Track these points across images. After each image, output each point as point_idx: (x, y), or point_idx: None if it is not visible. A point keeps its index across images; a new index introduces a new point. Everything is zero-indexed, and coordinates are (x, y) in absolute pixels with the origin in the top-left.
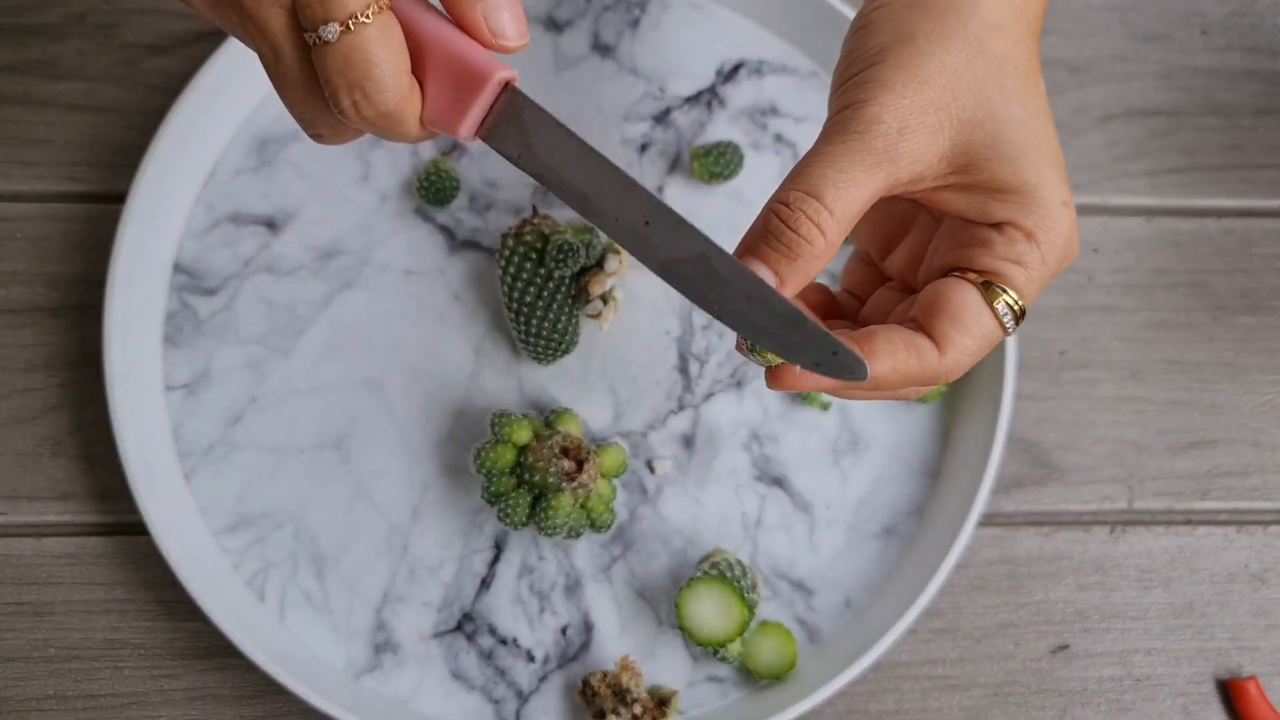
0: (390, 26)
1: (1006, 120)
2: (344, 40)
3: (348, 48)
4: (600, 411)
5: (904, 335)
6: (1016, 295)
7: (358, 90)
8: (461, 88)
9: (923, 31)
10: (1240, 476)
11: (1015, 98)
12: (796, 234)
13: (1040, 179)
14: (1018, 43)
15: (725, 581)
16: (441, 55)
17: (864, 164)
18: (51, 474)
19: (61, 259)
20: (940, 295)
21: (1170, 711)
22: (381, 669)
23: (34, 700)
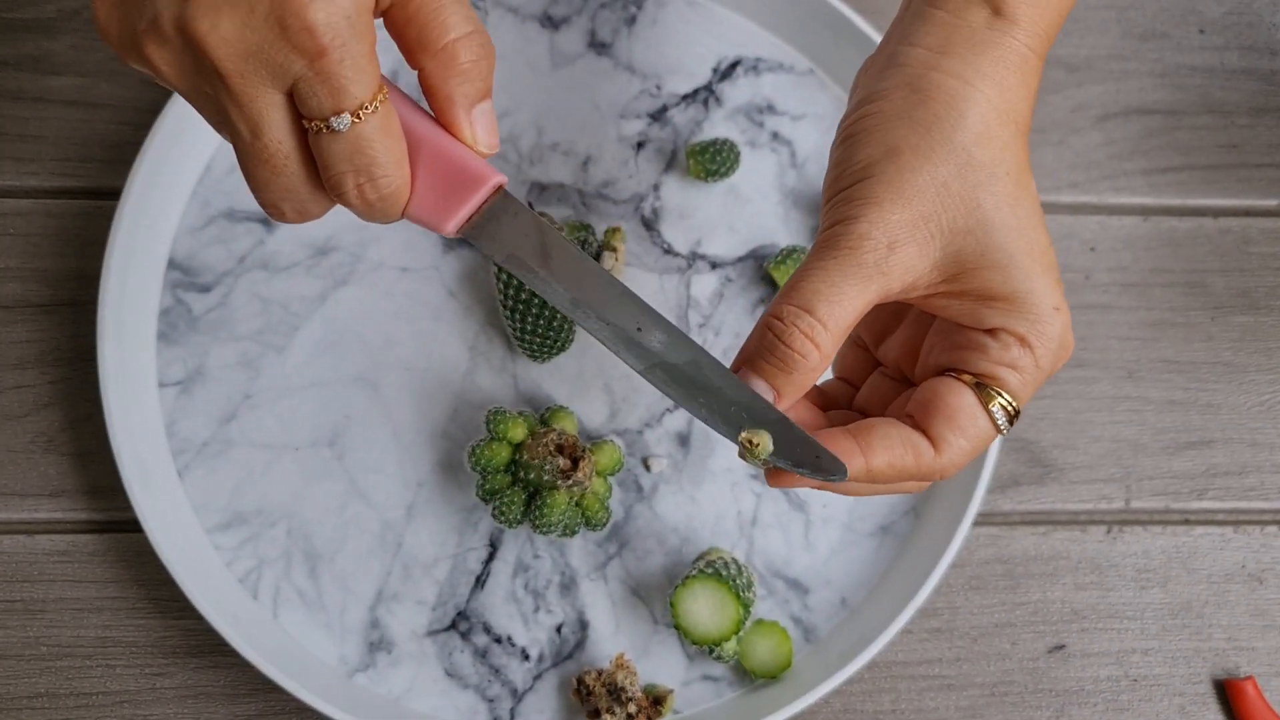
0: (392, 115)
1: (997, 227)
2: (354, 129)
3: (356, 136)
4: (596, 409)
5: (902, 432)
6: (1011, 398)
7: (364, 175)
8: (453, 187)
9: (909, 145)
10: (1238, 476)
11: (1006, 204)
12: (790, 349)
13: (1031, 285)
14: (1006, 147)
15: (720, 580)
16: (432, 153)
17: (855, 279)
18: (44, 471)
19: (55, 255)
20: (937, 396)
21: (1167, 712)
22: (375, 667)
23: (25, 698)
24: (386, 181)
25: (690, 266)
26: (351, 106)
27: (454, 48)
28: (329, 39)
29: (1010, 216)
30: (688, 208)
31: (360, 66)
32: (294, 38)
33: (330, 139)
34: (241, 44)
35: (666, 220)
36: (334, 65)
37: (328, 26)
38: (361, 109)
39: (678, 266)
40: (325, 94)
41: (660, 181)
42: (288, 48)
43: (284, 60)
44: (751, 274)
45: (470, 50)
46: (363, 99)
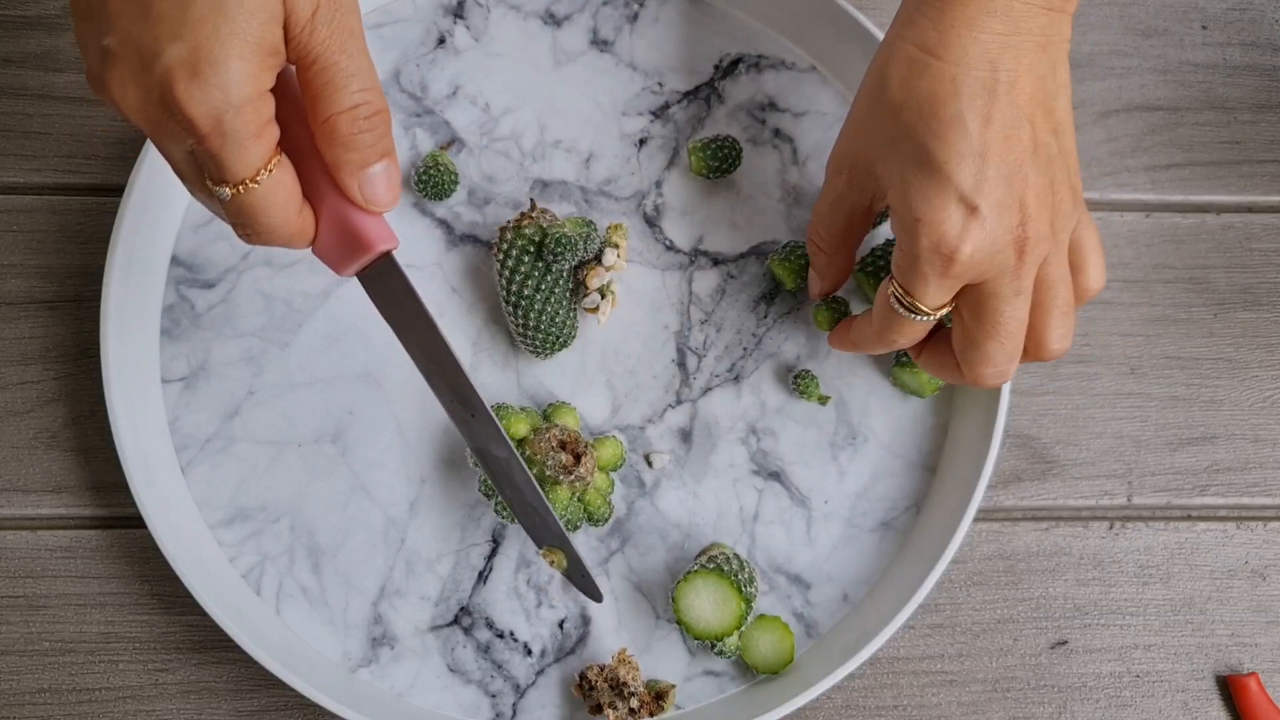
0: (279, 184)
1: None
2: (235, 199)
3: (237, 205)
4: (598, 405)
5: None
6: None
7: (248, 230)
8: (347, 245)
9: (864, 88)
10: (1240, 472)
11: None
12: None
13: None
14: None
15: (722, 575)
16: (334, 210)
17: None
18: (47, 467)
19: (58, 251)
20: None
21: (1170, 708)
22: (378, 662)
23: (28, 694)
24: (269, 237)
25: (692, 263)
26: (232, 181)
27: (334, 122)
28: (207, 128)
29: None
30: (690, 204)
31: (240, 148)
32: (180, 122)
33: (221, 197)
34: (145, 115)
35: (669, 217)
36: (214, 149)
37: (205, 118)
38: (241, 184)
39: (680, 263)
40: (211, 168)
41: (662, 178)
42: (176, 125)
43: (175, 134)
44: (753, 270)
45: (352, 124)
46: (243, 175)
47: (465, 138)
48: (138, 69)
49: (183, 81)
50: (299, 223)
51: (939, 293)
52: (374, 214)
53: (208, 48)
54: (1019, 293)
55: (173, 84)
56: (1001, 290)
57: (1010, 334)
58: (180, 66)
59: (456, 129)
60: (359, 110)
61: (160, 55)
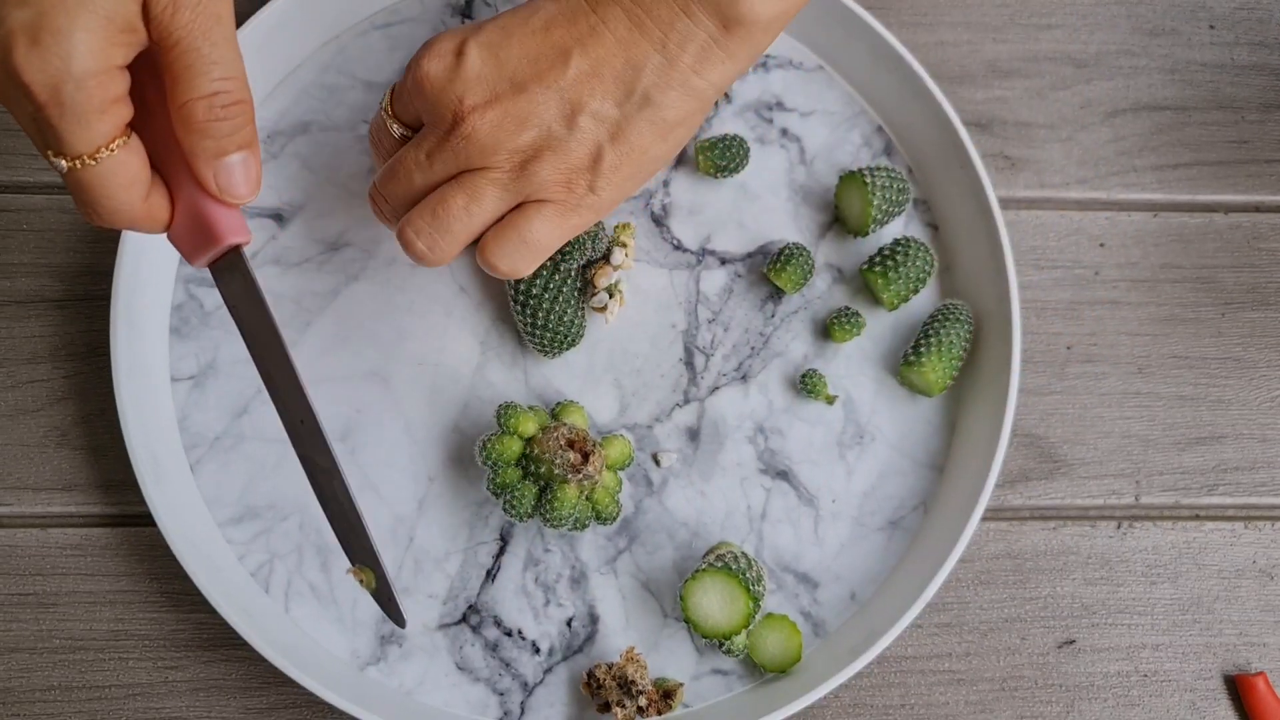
0: (123, 163)
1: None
2: (73, 173)
3: (74, 180)
4: (606, 404)
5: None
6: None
7: (89, 209)
8: (199, 235)
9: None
10: (1248, 471)
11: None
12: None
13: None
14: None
15: (730, 573)
16: (188, 200)
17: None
18: (57, 465)
19: (68, 250)
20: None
21: (1177, 707)
22: (386, 660)
23: (39, 691)
24: (108, 219)
25: (700, 262)
26: (69, 154)
27: (190, 107)
28: (45, 97)
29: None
30: (697, 204)
31: (80, 122)
32: (18, 86)
33: (59, 169)
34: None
35: (676, 216)
36: (52, 119)
37: (42, 87)
38: (79, 159)
39: (687, 262)
40: (49, 137)
41: (670, 178)
42: (17, 92)
43: (15, 99)
44: (761, 270)
45: (209, 111)
46: (81, 150)
47: None
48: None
49: (22, 47)
50: (144, 207)
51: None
52: (229, 205)
53: (52, 16)
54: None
55: (12, 48)
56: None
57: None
58: (22, 31)
59: None
60: (217, 98)
61: (4, 19)
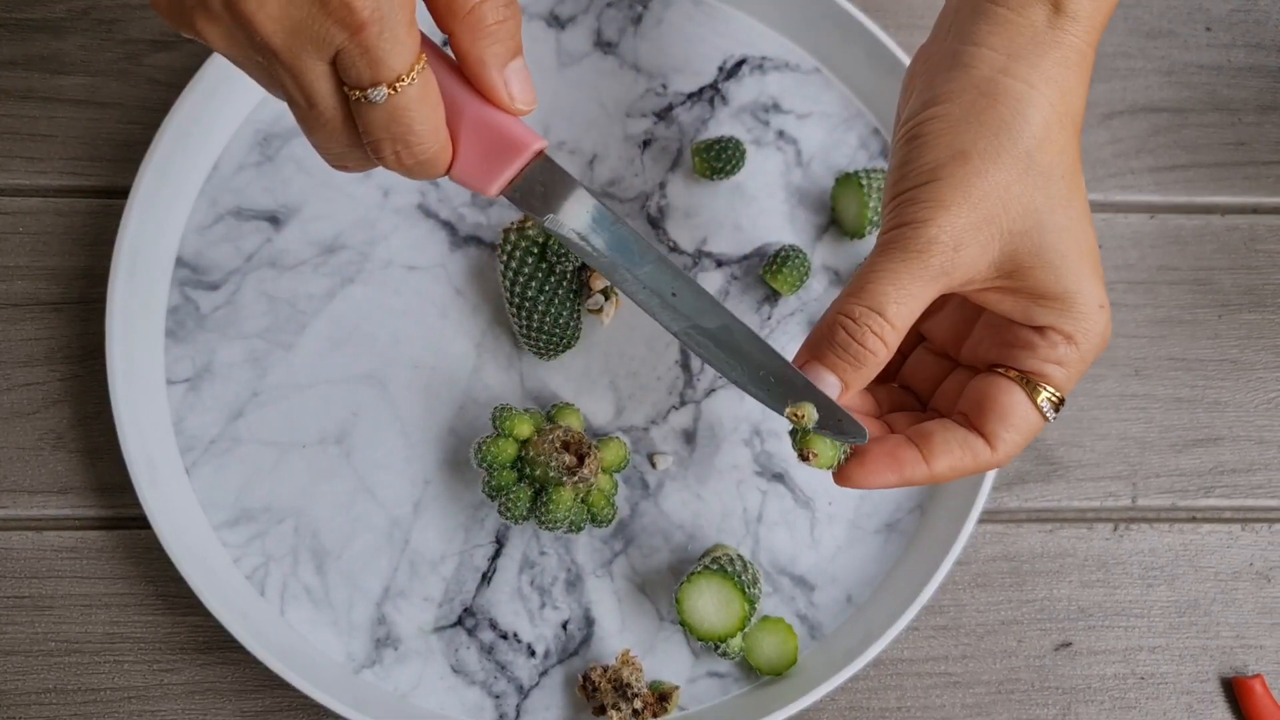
0: (430, 84)
1: (1051, 229)
2: (390, 101)
3: (393, 107)
4: (602, 406)
5: (958, 434)
6: (1055, 389)
7: (400, 143)
8: (495, 152)
9: (977, 150)
10: (1245, 474)
11: (1060, 205)
12: (863, 347)
13: (1080, 286)
14: (1063, 150)
15: (726, 576)
16: (475, 119)
17: (922, 280)
18: (53, 468)
19: (64, 253)
20: (988, 396)
21: (1174, 710)
22: (382, 663)
23: (34, 694)
24: (422, 149)
25: (696, 264)
26: (389, 79)
27: (480, 11)
28: (367, 14)
29: (1064, 218)
30: (693, 206)
31: (398, 39)
32: (334, 13)
33: (369, 108)
34: (287, 20)
35: (672, 218)
36: (372, 39)
37: (367, 5)
38: (398, 81)
39: (683, 264)
40: (364, 66)
41: (666, 180)
42: (329, 22)
43: (326, 34)
44: (757, 272)
45: (496, 11)
46: (400, 71)
47: None
48: None
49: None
50: (445, 134)
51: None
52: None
53: None
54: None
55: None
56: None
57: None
58: None
59: None
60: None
61: None
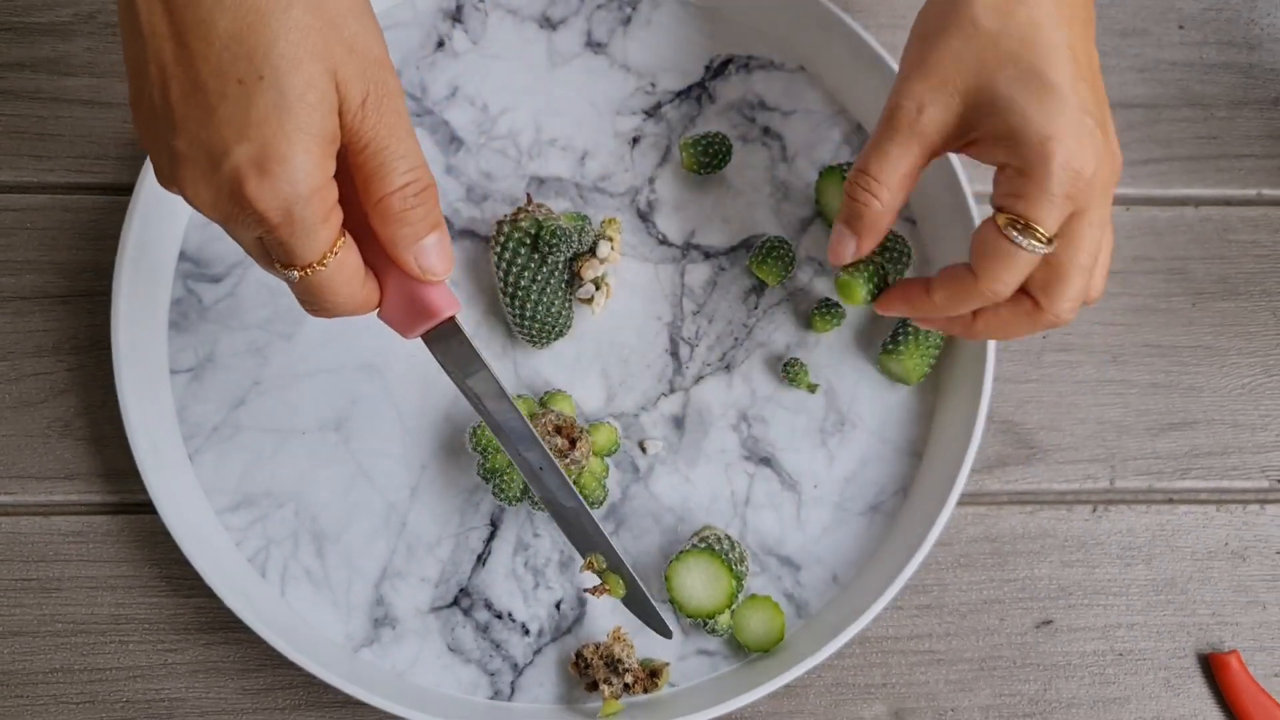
0: (344, 262)
1: (1001, 80)
2: (303, 281)
3: (306, 285)
4: (593, 393)
5: (955, 270)
6: (1018, 216)
7: (315, 308)
8: (413, 312)
9: (930, 30)
10: (1220, 456)
11: (1009, 61)
12: (858, 202)
13: (1024, 124)
14: (1009, 13)
15: (713, 554)
16: (398, 282)
17: (897, 141)
18: (60, 455)
19: (71, 247)
20: (974, 237)
21: (1153, 685)
22: (380, 642)
23: (41, 673)
24: (337, 312)
25: (684, 256)
26: (300, 265)
27: (388, 202)
28: (277, 220)
29: (1014, 70)
30: (682, 200)
31: (308, 234)
32: (249, 214)
33: (290, 280)
34: (216, 208)
35: (661, 212)
36: (284, 238)
37: (276, 211)
38: (309, 267)
39: (672, 256)
40: (279, 254)
41: (655, 175)
42: (247, 218)
43: (246, 225)
44: (744, 263)
45: (404, 201)
46: (310, 260)
47: (464, 137)
48: (207, 169)
49: (253, 179)
50: (363, 295)
51: (1059, 218)
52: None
53: (274, 145)
54: (1104, 221)
55: (243, 182)
56: (1095, 217)
57: (1091, 265)
58: (249, 165)
59: (455, 128)
60: (409, 189)
61: (229, 155)
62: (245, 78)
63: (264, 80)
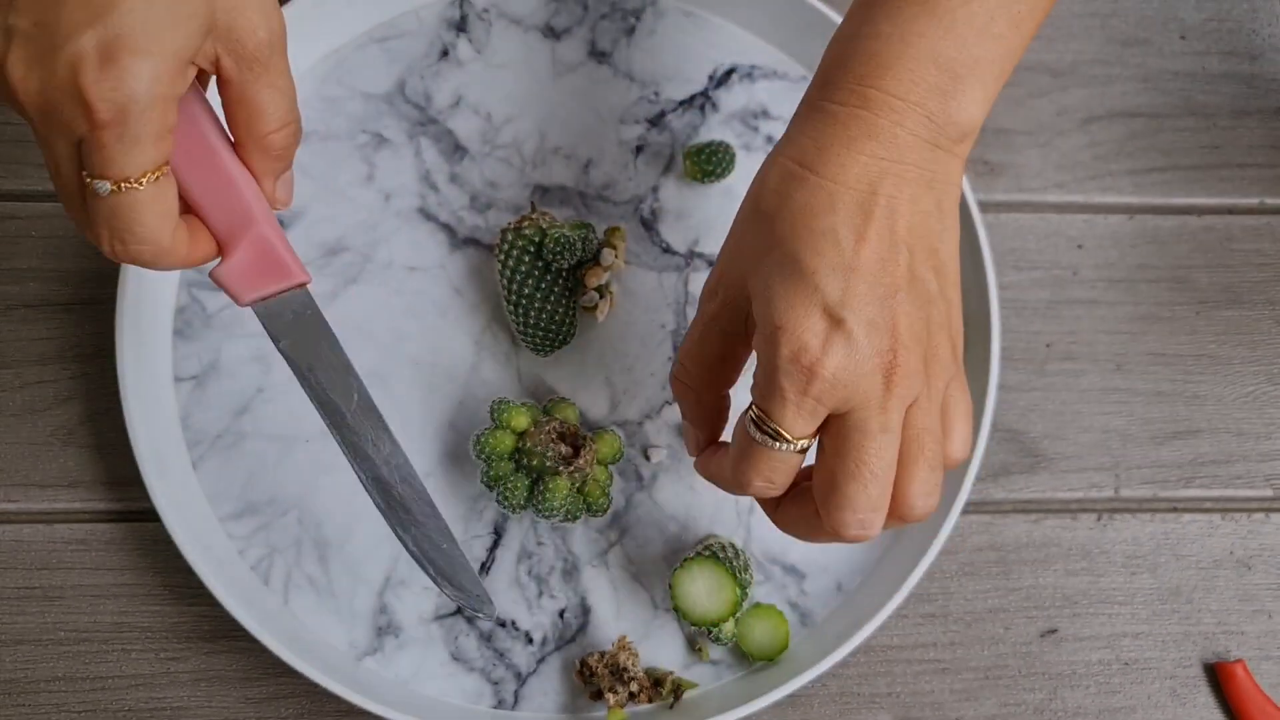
0: (163, 194)
1: (766, 263)
2: (113, 198)
3: (115, 203)
4: (597, 401)
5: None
6: (756, 410)
7: (116, 238)
8: (263, 271)
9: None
10: (1224, 465)
11: (775, 245)
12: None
13: (764, 312)
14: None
15: (717, 561)
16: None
17: (698, 326)
18: (63, 462)
19: (75, 255)
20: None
21: (1158, 694)
22: (383, 651)
23: (43, 682)
24: (138, 250)
25: (688, 264)
26: (116, 177)
27: (271, 139)
28: (107, 115)
29: (778, 253)
30: (685, 208)
31: (136, 144)
32: (78, 106)
33: (94, 197)
34: (41, 97)
35: (665, 220)
36: (108, 138)
37: (108, 103)
38: (126, 181)
39: (676, 265)
40: (96, 159)
41: (659, 183)
42: (76, 111)
43: (71, 120)
44: None
45: (284, 139)
46: (129, 174)
47: (468, 146)
48: (44, 49)
49: (93, 68)
50: (170, 240)
51: (799, 416)
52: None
53: (130, 36)
54: (885, 429)
55: (82, 68)
56: (867, 424)
57: (875, 476)
58: (95, 51)
59: (459, 137)
60: (290, 128)
61: (75, 37)
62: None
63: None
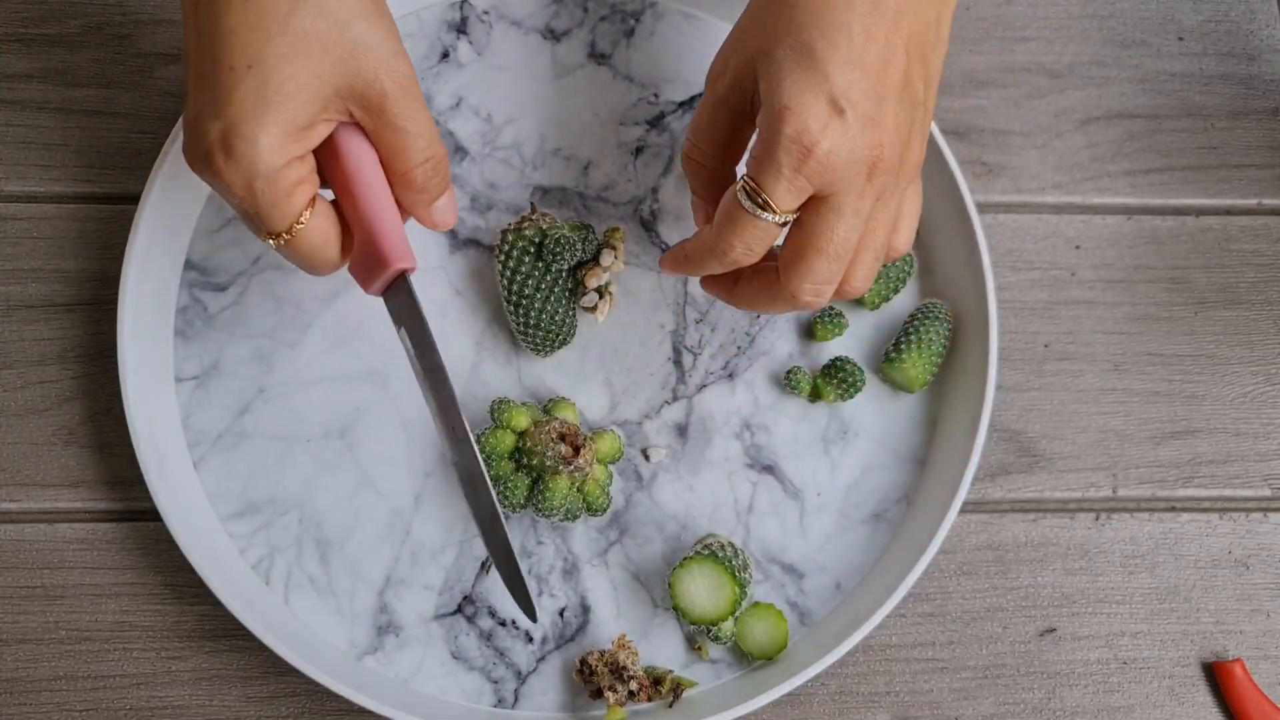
0: (315, 228)
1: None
2: (278, 246)
3: (284, 251)
4: (597, 401)
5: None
6: (751, 181)
7: (301, 267)
8: (371, 265)
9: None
10: (1222, 464)
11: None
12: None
13: (773, 92)
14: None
15: (717, 561)
16: (361, 238)
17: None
18: (65, 462)
19: (77, 256)
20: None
21: (1157, 693)
22: (384, 650)
23: (45, 680)
24: (316, 272)
25: None
26: (271, 234)
27: (410, 176)
28: (243, 193)
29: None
30: (684, 209)
31: (274, 207)
32: (224, 189)
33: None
34: (202, 177)
35: (664, 221)
36: (249, 210)
37: (238, 185)
38: (278, 235)
39: None
40: (252, 225)
41: (658, 185)
42: (220, 188)
43: (222, 194)
44: None
45: (424, 174)
46: (278, 229)
47: (468, 147)
48: (194, 140)
49: (220, 155)
50: (340, 256)
51: (790, 191)
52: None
53: (241, 125)
54: (857, 214)
55: (213, 157)
56: (843, 208)
57: (838, 254)
58: (218, 141)
59: (460, 139)
60: (428, 164)
61: (207, 134)
62: (237, 65)
63: (252, 70)
